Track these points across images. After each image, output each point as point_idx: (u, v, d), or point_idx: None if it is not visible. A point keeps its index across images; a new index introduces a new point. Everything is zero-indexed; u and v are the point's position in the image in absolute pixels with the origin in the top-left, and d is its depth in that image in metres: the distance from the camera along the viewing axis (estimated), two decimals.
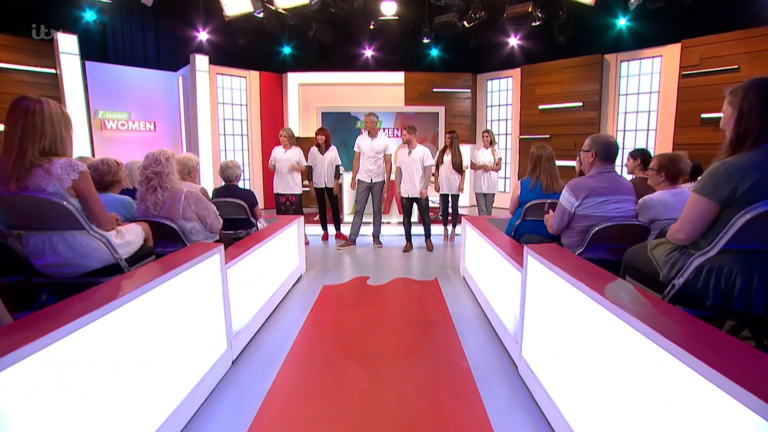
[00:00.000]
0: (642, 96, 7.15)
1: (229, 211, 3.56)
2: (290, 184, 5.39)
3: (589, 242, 2.41)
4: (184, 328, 2.05)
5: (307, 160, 5.67)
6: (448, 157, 5.69)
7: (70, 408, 1.31)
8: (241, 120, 8.73)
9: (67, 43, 6.06)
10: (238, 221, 3.62)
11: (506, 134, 9.02)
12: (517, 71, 8.54)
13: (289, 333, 3.03)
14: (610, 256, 2.44)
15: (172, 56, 8.14)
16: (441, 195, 5.89)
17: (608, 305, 1.52)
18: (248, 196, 3.63)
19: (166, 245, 2.62)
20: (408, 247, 5.46)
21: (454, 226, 6.04)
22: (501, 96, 9.07)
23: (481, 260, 3.67)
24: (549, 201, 3.28)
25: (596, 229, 2.36)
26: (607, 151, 2.47)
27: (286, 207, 5.43)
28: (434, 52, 9.47)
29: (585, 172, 2.61)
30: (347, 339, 2.94)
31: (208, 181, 7.86)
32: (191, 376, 2.11)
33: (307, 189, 5.75)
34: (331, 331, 3.09)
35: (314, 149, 5.72)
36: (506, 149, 8.91)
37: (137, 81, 7.84)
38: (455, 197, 5.86)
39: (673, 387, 1.17)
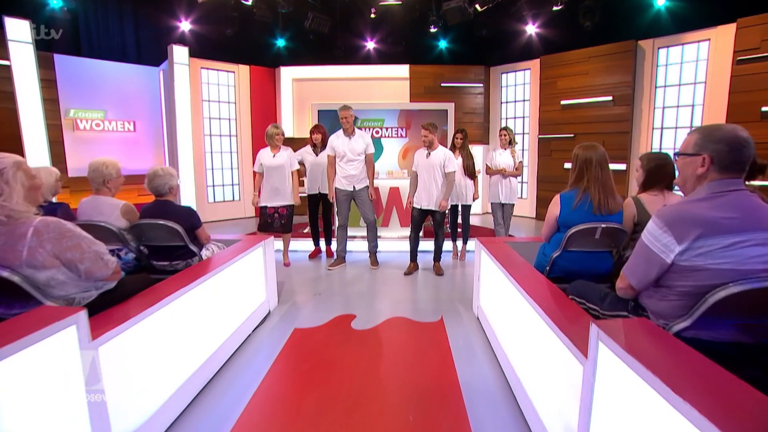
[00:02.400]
0: (684, 88, 5.99)
1: (160, 237, 2.57)
2: (283, 193, 4.37)
3: (705, 313, 1.34)
4: None
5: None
6: (458, 161, 4.66)
7: None
8: (229, 119, 7.78)
9: (17, 30, 5.14)
10: (174, 250, 2.62)
11: (523, 133, 7.93)
12: (536, 63, 7.46)
13: (221, 425, 2.01)
14: (743, 336, 1.37)
15: (153, 49, 7.22)
16: (450, 205, 4.83)
17: None
18: (186, 215, 2.63)
19: (10, 305, 1.62)
20: (411, 269, 4.42)
21: (465, 242, 4.99)
22: (517, 91, 8.00)
23: (503, 305, 2.61)
24: (603, 225, 2.22)
25: (723, 293, 1.29)
26: (735, 155, 1.38)
27: (273, 221, 4.42)
28: (442, 43, 8.46)
29: (684, 189, 1.53)
30: None
31: (188, 194, 6.90)
32: None
33: (303, 195, 4.81)
34: (284, 420, 2.06)
35: (307, 150, 4.78)
36: (523, 150, 7.83)
37: (114, 76, 6.97)
38: (466, 208, 4.82)
39: None
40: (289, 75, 8.14)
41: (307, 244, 5.28)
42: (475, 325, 3.16)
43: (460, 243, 5.05)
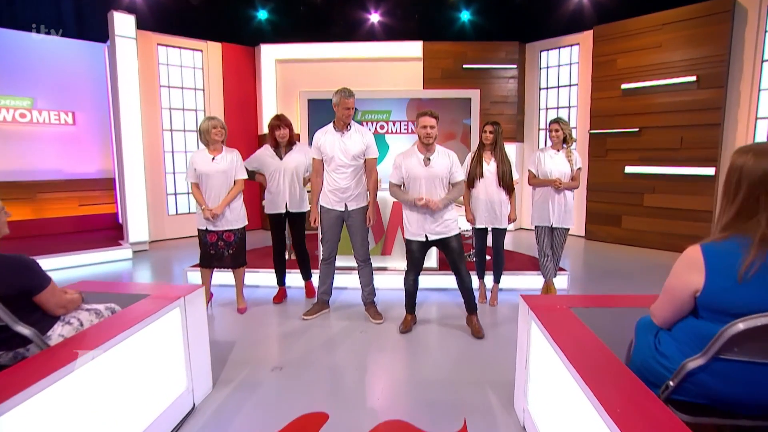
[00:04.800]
0: None
1: None
2: (229, 213, 3.59)
3: None
4: None
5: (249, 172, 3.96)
6: (490, 166, 3.71)
7: None
8: (196, 110, 7.09)
9: None
10: None
11: None
12: (587, 36, 6.72)
13: None
14: None
15: (97, 19, 6.43)
16: (476, 229, 3.88)
17: None
18: (8, 273, 1.66)
19: None
20: (408, 324, 3.43)
21: (497, 279, 4.02)
22: (562, 73, 7.26)
23: (573, 427, 1.60)
24: None
25: None
26: None
27: (218, 251, 3.63)
28: (465, 14, 7.78)
29: None
30: None
31: (138, 205, 6.06)
32: None
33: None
34: None
35: (265, 152, 3.89)
36: None
37: (45, 54, 6.25)
38: (500, 233, 3.84)
39: None
40: (271, 55, 7.52)
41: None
42: None
43: (488, 279, 4.07)
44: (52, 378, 1.49)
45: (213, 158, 3.51)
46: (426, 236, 3.21)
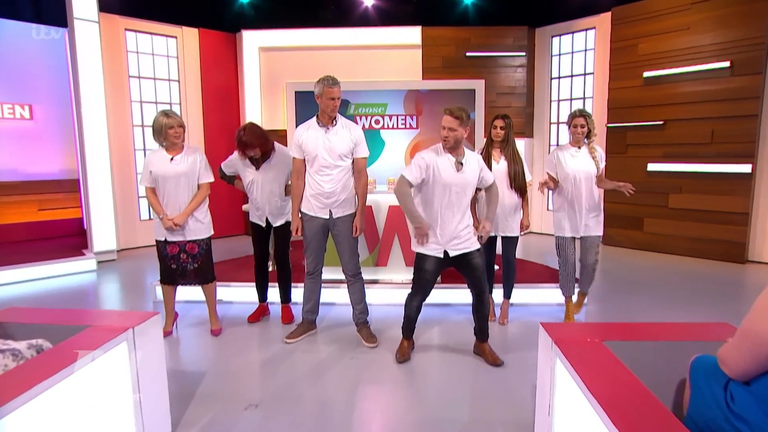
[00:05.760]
0: None
1: None
2: (192, 222, 3.37)
3: None
4: None
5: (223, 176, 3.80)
6: (500, 166, 3.48)
7: None
8: (170, 103, 6.89)
9: None
10: None
11: None
12: (605, 18, 6.60)
13: None
14: None
15: (57, 2, 6.18)
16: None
17: None
18: None
19: None
20: (405, 352, 3.12)
21: (507, 294, 3.79)
22: (575, 61, 7.18)
23: None
24: None
25: None
26: None
27: (180, 265, 3.40)
28: None
29: None
30: None
31: (104, 210, 5.81)
32: None
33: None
34: None
35: (238, 158, 3.63)
36: None
37: None
38: (510, 242, 3.61)
39: None
40: (254, 42, 7.41)
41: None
42: None
43: (497, 294, 3.83)
44: None
45: (171, 158, 3.26)
46: (445, 252, 2.88)
